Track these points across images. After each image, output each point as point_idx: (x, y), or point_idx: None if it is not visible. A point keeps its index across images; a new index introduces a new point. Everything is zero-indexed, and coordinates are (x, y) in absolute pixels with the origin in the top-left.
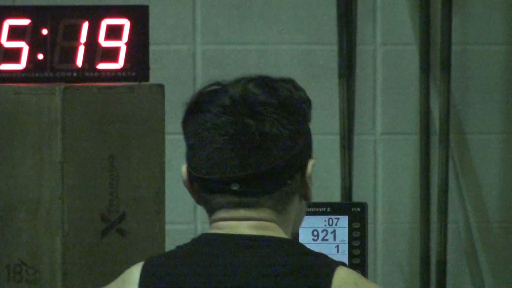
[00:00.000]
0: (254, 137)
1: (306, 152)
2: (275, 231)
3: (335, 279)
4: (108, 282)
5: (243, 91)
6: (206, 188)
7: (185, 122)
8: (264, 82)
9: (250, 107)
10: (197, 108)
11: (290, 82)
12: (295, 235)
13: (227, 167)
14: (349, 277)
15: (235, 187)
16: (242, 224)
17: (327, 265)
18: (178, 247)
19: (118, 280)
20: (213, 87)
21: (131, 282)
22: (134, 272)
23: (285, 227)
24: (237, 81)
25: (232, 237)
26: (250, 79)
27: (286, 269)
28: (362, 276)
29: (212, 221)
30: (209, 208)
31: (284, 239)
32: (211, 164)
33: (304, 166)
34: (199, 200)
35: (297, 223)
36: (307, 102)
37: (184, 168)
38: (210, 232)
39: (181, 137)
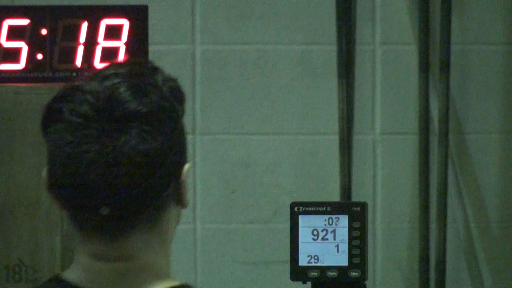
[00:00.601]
0: (121, 153)
1: (180, 159)
2: (150, 274)
3: None
4: None
5: (110, 96)
6: (72, 206)
7: (45, 129)
8: (133, 85)
9: (116, 118)
10: (56, 116)
11: (158, 74)
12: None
13: (95, 190)
14: None
15: (104, 212)
16: (108, 268)
17: None
18: None
19: None
20: (73, 90)
21: None
22: None
23: (160, 241)
24: (102, 79)
25: None
26: (119, 82)
27: None
28: None
29: (77, 252)
30: (76, 229)
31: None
32: (77, 185)
33: (179, 174)
34: (63, 209)
35: (174, 230)
36: (180, 96)
37: (44, 172)
38: (65, 278)
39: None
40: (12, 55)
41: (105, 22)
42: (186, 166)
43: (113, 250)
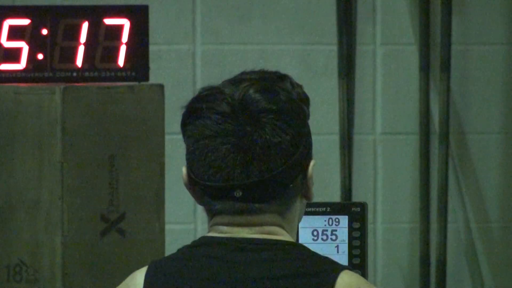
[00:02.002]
0: (255, 145)
1: (307, 154)
2: (279, 234)
3: (338, 283)
4: (107, 282)
5: (243, 97)
6: (208, 194)
7: (185, 127)
8: (264, 87)
9: (250, 114)
10: (196, 114)
11: (287, 80)
12: (295, 234)
13: (230, 175)
14: (352, 282)
15: (238, 194)
16: (244, 229)
17: (331, 269)
18: (180, 250)
19: (122, 285)
20: (212, 91)
21: (135, 286)
22: (138, 277)
23: (290, 228)
24: (236, 83)
25: (234, 240)
26: (251, 84)
27: (288, 272)
28: (366, 281)
29: (212, 224)
30: (211, 212)
31: (288, 242)
32: (214, 172)
33: (305, 168)
34: (201, 202)
35: (299, 221)
36: (306, 100)
37: (184, 170)
38: (211, 235)
39: (181, 137)
40: (12, 55)
41: (105, 22)
42: (312, 162)
43: (243, 219)
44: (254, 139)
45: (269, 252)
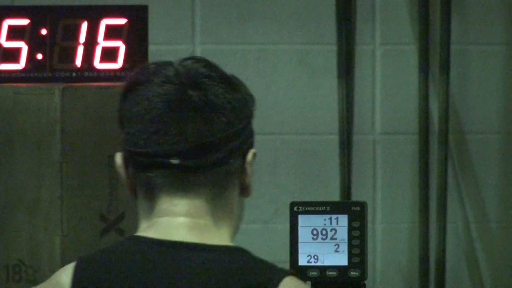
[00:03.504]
0: (196, 105)
1: (248, 136)
2: (214, 233)
3: None
4: None
5: (185, 65)
6: (143, 165)
7: (123, 101)
8: (204, 59)
9: (193, 78)
10: (137, 82)
11: (234, 76)
12: (236, 232)
13: (167, 137)
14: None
15: (174, 161)
16: (179, 223)
17: (273, 276)
18: (109, 248)
19: (47, 284)
20: (153, 65)
21: (61, 286)
22: (63, 276)
23: (226, 218)
24: (176, 60)
25: (168, 244)
26: (189, 57)
27: (223, 282)
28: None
29: (152, 216)
30: (147, 194)
31: (225, 247)
32: (150, 134)
33: (246, 151)
34: (134, 186)
35: (239, 219)
36: (250, 97)
37: (118, 155)
38: (145, 235)
39: None
40: (12, 55)
41: (105, 22)
42: (253, 151)
43: (181, 206)
44: (195, 100)
45: (206, 259)
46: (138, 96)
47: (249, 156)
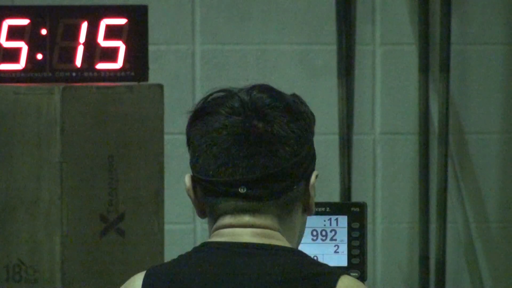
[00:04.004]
0: (262, 137)
1: (310, 161)
2: (279, 240)
3: (339, 286)
4: (107, 282)
5: (250, 95)
6: (212, 191)
7: (191, 127)
8: (269, 88)
9: (258, 109)
10: (205, 111)
11: (295, 95)
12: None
13: (235, 169)
14: (350, 286)
15: (242, 190)
16: (245, 231)
17: (330, 274)
18: (180, 256)
19: None
20: (221, 93)
21: None
22: (137, 280)
23: (290, 236)
24: (242, 89)
25: (234, 245)
26: (254, 86)
27: (288, 277)
28: (364, 286)
29: (214, 229)
30: (213, 215)
31: (288, 248)
32: (218, 165)
33: (309, 175)
34: (202, 207)
35: (300, 236)
36: (311, 116)
37: (187, 177)
38: (211, 240)
39: (181, 137)
40: (12, 55)
41: (105, 22)
42: (315, 173)
43: (246, 220)
44: (260, 132)
45: (269, 258)
46: (206, 126)
47: (312, 178)
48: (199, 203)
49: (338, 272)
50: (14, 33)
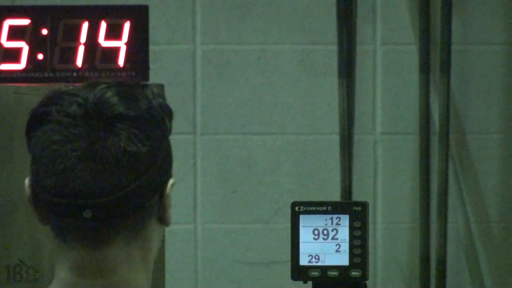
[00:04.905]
0: (108, 153)
1: (165, 171)
2: (131, 283)
3: None
4: None
5: (99, 99)
6: (54, 212)
7: (30, 133)
8: (123, 91)
9: (105, 119)
10: (43, 118)
11: (148, 88)
12: (153, 260)
13: (80, 190)
14: None
15: (88, 215)
16: (92, 286)
17: None
18: None
19: None
20: (61, 93)
21: None
22: None
23: (145, 255)
24: (91, 86)
25: None
26: (108, 86)
27: None
28: None
29: (59, 269)
30: (58, 240)
31: None
32: (61, 185)
33: (163, 186)
34: (46, 223)
35: (157, 249)
36: (168, 112)
37: (27, 181)
38: None
39: (181, 137)
40: (12, 55)
41: (105, 22)
42: (171, 181)
43: (93, 262)
44: (106, 146)
45: None
46: (46, 136)
47: (167, 189)
48: (42, 216)
49: None
50: (14, 33)
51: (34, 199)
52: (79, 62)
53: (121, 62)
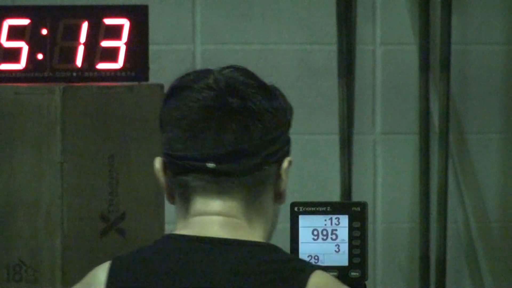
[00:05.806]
0: (234, 111)
1: (284, 145)
2: (246, 232)
3: (309, 284)
4: None
5: (224, 73)
6: (181, 168)
7: (164, 106)
8: (244, 68)
9: (232, 85)
10: (178, 88)
11: (275, 87)
12: (270, 238)
13: (203, 143)
14: (323, 282)
15: (210, 165)
16: (213, 221)
17: (302, 270)
18: (145, 247)
19: (83, 283)
20: (197, 71)
21: (96, 284)
22: (100, 274)
23: (261, 223)
24: (216, 69)
25: (203, 240)
26: (229, 66)
27: (258, 275)
28: (337, 281)
29: (184, 216)
30: (183, 196)
31: (258, 243)
32: (186, 140)
33: (281, 158)
34: (171, 190)
35: (273, 225)
36: (289, 107)
37: (157, 159)
38: (180, 233)
39: None
40: (12, 55)
41: (105, 22)
42: (289, 158)
43: (215, 206)
44: (233, 106)
45: (239, 255)
46: (178, 101)
47: (285, 163)
48: (168, 186)
49: (309, 269)
50: (14, 33)
51: (163, 169)
52: (78, 62)
53: (120, 62)
